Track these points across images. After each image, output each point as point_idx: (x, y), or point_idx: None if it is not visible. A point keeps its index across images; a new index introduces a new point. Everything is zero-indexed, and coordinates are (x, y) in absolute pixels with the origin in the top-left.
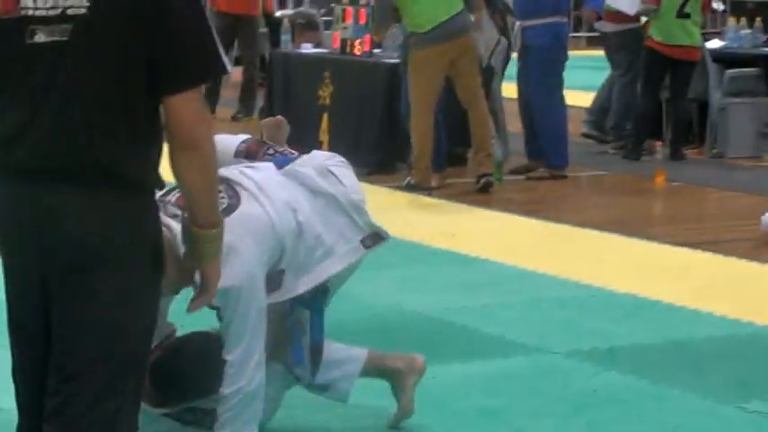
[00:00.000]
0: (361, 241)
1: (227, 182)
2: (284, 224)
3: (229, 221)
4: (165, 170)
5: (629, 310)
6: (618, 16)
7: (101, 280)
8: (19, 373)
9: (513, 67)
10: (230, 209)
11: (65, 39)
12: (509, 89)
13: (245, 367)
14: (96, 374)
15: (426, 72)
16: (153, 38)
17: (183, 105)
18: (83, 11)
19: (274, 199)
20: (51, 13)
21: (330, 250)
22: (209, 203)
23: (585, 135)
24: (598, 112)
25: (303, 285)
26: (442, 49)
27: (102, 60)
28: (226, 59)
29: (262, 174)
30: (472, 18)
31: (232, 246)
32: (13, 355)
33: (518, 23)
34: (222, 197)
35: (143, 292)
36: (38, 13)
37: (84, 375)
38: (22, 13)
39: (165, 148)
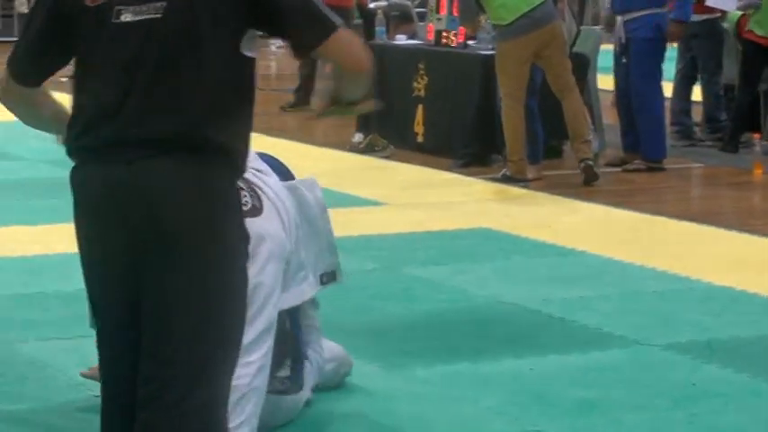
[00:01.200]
0: (320, 276)
1: (248, 183)
2: (291, 242)
3: (254, 225)
4: None
5: (726, 304)
6: (701, 7)
7: (193, 254)
8: (107, 363)
9: (603, 59)
10: (254, 211)
11: (158, 16)
12: (604, 81)
13: (265, 370)
14: (191, 358)
15: (512, 64)
16: (255, 13)
17: (337, 36)
18: None
19: (289, 214)
20: None
21: (306, 275)
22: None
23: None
24: (679, 115)
25: (284, 303)
26: (525, 41)
27: (198, 27)
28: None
29: (273, 180)
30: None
31: (268, 252)
32: (99, 347)
33: (619, 17)
34: (245, 198)
35: (234, 268)
36: None
37: (179, 360)
38: None
39: None
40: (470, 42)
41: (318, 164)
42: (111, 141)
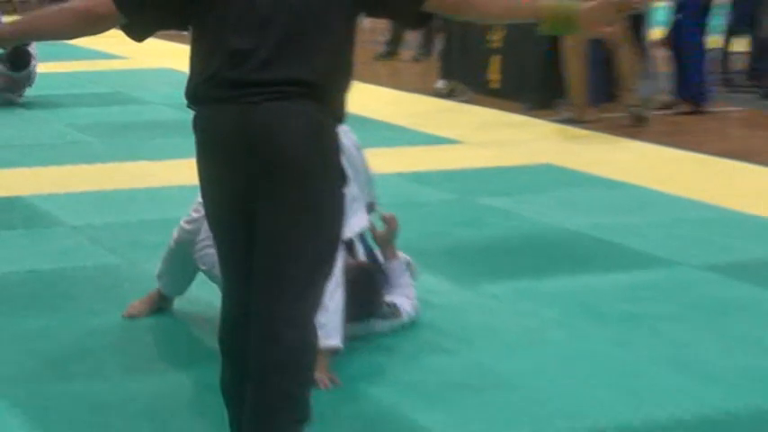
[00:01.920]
0: (366, 205)
1: None
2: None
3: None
4: None
5: (760, 230)
6: None
7: (301, 182)
8: (225, 280)
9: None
10: None
11: None
12: (659, 34)
13: (341, 285)
14: (298, 273)
15: None
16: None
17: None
18: None
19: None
20: None
21: (360, 206)
22: (511, 11)
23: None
24: (725, 64)
25: (348, 232)
26: None
27: (321, 10)
28: None
29: None
30: None
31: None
32: (222, 265)
33: None
34: None
35: (334, 200)
36: None
37: (287, 275)
38: None
39: None
40: None
41: (406, 107)
42: (241, 85)
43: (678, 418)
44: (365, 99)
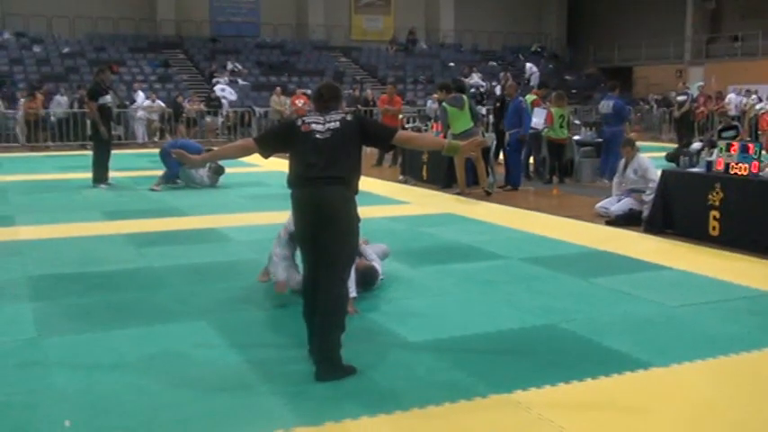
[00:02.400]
0: None
1: None
2: None
3: None
4: None
5: (543, 241)
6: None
7: (340, 220)
8: (308, 268)
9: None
10: None
11: (328, 136)
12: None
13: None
14: (340, 266)
15: None
16: (365, 131)
17: (397, 136)
18: (337, 125)
19: None
20: (322, 128)
21: None
22: (432, 144)
23: None
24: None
25: None
26: None
27: (344, 141)
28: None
29: None
30: None
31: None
32: (303, 262)
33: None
34: None
35: (355, 230)
36: (318, 128)
37: (334, 265)
38: (312, 128)
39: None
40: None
41: (386, 187)
42: (314, 178)
43: (507, 328)
44: (369, 184)
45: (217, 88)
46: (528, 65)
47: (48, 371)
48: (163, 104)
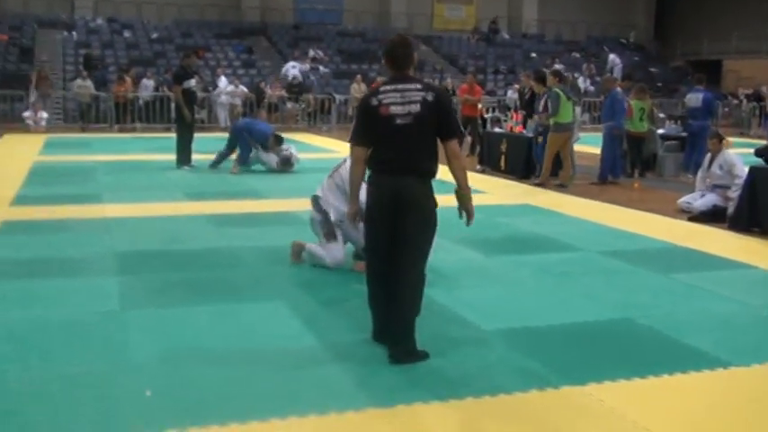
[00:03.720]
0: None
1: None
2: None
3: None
4: None
5: (622, 235)
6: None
7: (419, 209)
8: (379, 256)
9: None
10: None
11: (410, 122)
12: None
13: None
14: (418, 252)
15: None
16: (441, 119)
17: (452, 144)
18: (418, 108)
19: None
20: (405, 111)
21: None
22: (465, 181)
23: None
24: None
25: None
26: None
27: (424, 128)
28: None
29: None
30: None
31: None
32: (371, 242)
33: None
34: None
35: (433, 217)
36: (398, 110)
37: (414, 248)
38: (392, 112)
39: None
40: None
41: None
42: (394, 169)
43: (582, 320)
44: (446, 172)
45: (288, 65)
46: (611, 56)
47: (129, 343)
48: (245, 90)
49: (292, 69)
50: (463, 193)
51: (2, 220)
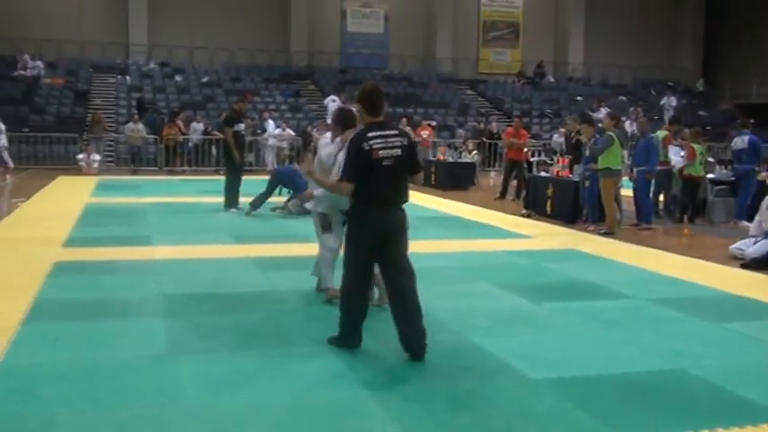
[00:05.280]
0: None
1: None
2: None
3: None
4: None
5: (672, 283)
6: (662, 163)
7: (404, 233)
8: (362, 275)
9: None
10: None
11: (393, 163)
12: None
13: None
14: (408, 265)
15: None
16: (413, 158)
17: (418, 177)
18: (399, 152)
19: None
20: (389, 154)
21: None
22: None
23: None
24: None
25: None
26: None
27: (403, 168)
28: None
29: None
30: None
31: None
32: (359, 266)
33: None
34: None
35: (407, 238)
36: (384, 153)
37: (404, 257)
38: (381, 155)
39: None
40: None
41: (511, 221)
42: (386, 202)
43: (633, 371)
44: (491, 217)
45: (328, 99)
46: (666, 98)
47: (177, 387)
48: (293, 133)
49: (332, 103)
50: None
51: (54, 261)
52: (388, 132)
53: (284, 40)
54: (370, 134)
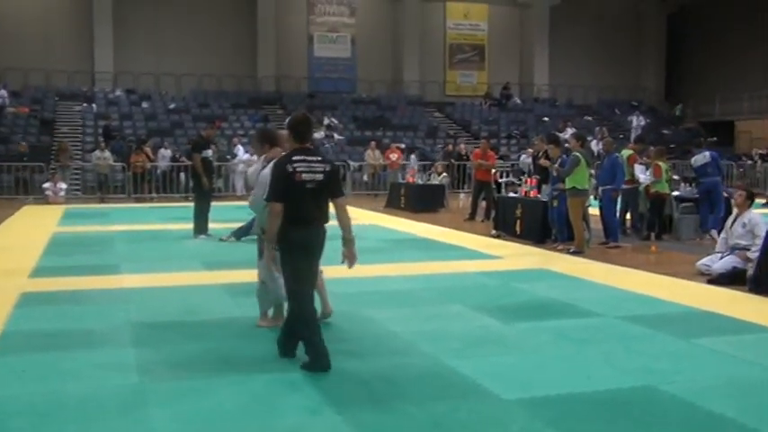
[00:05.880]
0: None
1: None
2: None
3: None
4: None
5: (641, 300)
6: (629, 181)
7: (320, 251)
8: (307, 286)
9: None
10: None
11: (315, 186)
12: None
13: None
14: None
15: None
16: (335, 184)
17: (340, 200)
18: (321, 177)
19: None
20: (312, 178)
21: None
22: (350, 229)
23: None
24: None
25: None
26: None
27: (325, 191)
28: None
29: None
30: None
31: None
32: (302, 269)
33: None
34: None
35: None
36: (307, 177)
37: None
38: (303, 178)
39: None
40: None
41: (480, 242)
42: (307, 222)
43: (604, 388)
44: (461, 238)
45: None
46: (634, 117)
47: (148, 416)
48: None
49: None
50: (349, 239)
51: (21, 292)
52: (312, 158)
53: (251, 66)
54: (294, 158)
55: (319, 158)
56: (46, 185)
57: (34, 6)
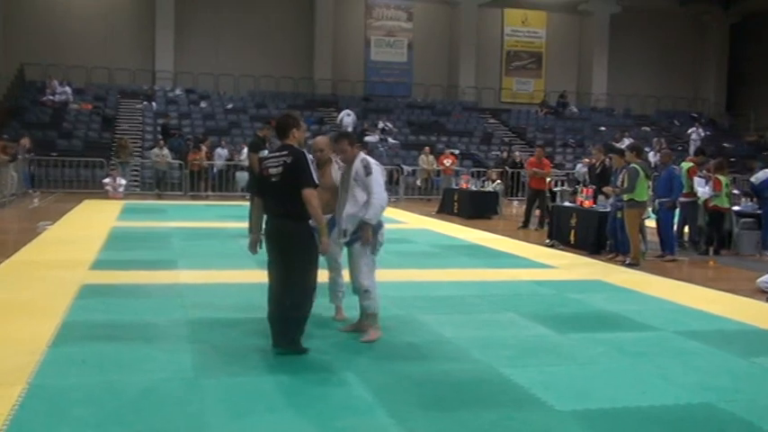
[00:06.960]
0: None
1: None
2: None
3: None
4: None
5: (700, 316)
6: (687, 194)
7: (293, 241)
8: (270, 266)
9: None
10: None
11: (277, 180)
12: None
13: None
14: (291, 265)
15: None
16: (296, 175)
17: (305, 192)
18: (281, 170)
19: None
20: (275, 171)
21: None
22: (320, 218)
23: None
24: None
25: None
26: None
27: (287, 183)
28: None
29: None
30: None
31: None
32: (269, 261)
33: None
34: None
35: (302, 243)
36: (273, 171)
37: (289, 265)
38: (270, 173)
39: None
40: None
41: (534, 251)
42: (274, 214)
43: (660, 404)
44: (514, 246)
45: (343, 113)
46: (694, 129)
47: (203, 411)
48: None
49: (347, 117)
50: (318, 228)
51: (82, 284)
52: (281, 153)
53: (308, 68)
54: (269, 154)
55: (285, 152)
56: (106, 181)
57: (99, 6)
